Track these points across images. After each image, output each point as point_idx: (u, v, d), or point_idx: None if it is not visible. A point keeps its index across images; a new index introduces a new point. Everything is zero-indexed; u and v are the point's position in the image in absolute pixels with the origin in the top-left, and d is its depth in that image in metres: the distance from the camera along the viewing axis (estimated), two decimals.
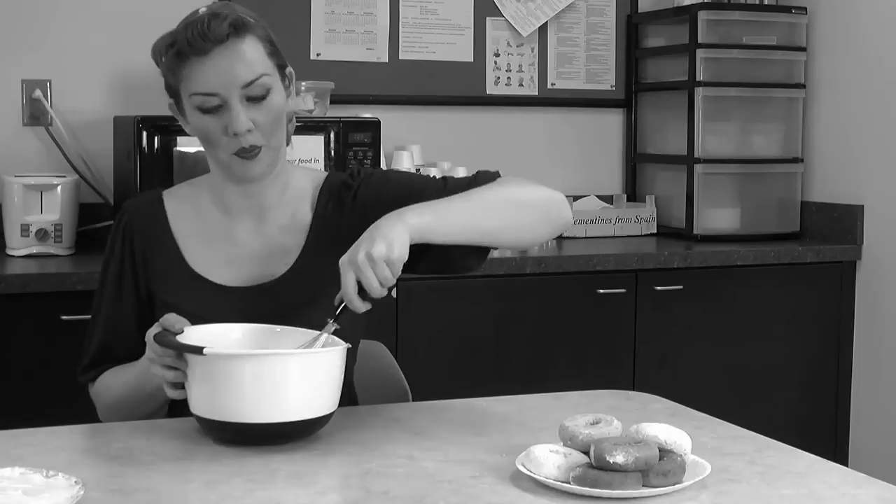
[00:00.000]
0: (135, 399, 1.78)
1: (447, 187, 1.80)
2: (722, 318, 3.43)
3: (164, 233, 1.85)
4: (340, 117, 3.13)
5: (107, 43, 3.34)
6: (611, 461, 1.35)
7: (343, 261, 1.58)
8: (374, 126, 3.13)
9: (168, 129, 2.96)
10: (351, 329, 1.67)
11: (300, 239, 1.84)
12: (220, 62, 1.69)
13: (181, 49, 1.70)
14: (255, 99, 1.71)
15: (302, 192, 1.87)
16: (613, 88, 3.93)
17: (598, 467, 1.37)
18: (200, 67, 1.69)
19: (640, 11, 3.91)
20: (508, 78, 3.79)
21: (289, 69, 1.80)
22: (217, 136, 1.73)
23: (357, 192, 1.85)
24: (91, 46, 3.33)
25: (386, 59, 3.64)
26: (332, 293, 1.62)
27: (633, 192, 3.92)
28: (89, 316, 1.90)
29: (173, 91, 1.78)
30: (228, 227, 1.84)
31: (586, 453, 1.42)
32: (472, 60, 3.75)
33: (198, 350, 1.52)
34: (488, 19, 3.75)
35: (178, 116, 1.81)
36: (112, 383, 1.83)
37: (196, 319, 1.65)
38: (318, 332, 1.63)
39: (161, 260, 1.84)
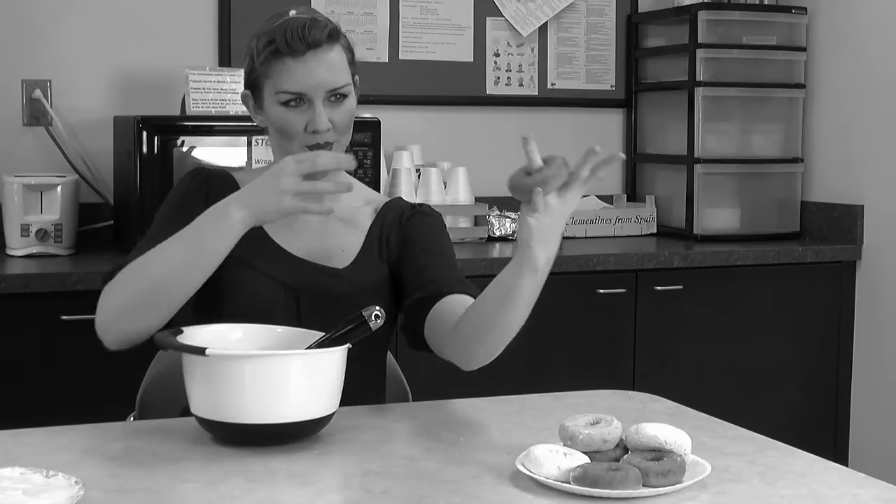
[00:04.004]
0: (187, 264, 1.69)
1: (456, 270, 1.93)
2: (722, 318, 3.43)
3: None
4: None
5: (107, 43, 3.34)
6: None
7: None
8: (374, 126, 3.13)
9: (168, 129, 2.96)
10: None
11: (359, 238, 1.93)
12: (312, 67, 1.81)
13: (279, 48, 1.81)
14: (335, 100, 1.85)
15: (358, 198, 1.97)
16: (613, 88, 3.93)
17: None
18: (294, 67, 1.81)
19: (640, 11, 3.91)
20: (508, 78, 3.79)
21: (356, 76, 1.93)
22: (295, 130, 1.83)
23: (413, 216, 1.97)
24: (91, 46, 3.33)
25: (386, 59, 3.64)
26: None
27: (633, 192, 3.92)
28: (90, 316, 1.89)
29: (255, 83, 1.87)
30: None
31: (586, 453, 1.42)
32: (472, 60, 3.75)
33: (200, 351, 1.52)
34: (488, 19, 3.75)
35: (251, 106, 1.91)
36: (148, 259, 1.71)
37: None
38: (320, 334, 1.63)
39: None
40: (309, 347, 1.61)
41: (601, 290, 3.27)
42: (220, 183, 1.91)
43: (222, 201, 1.71)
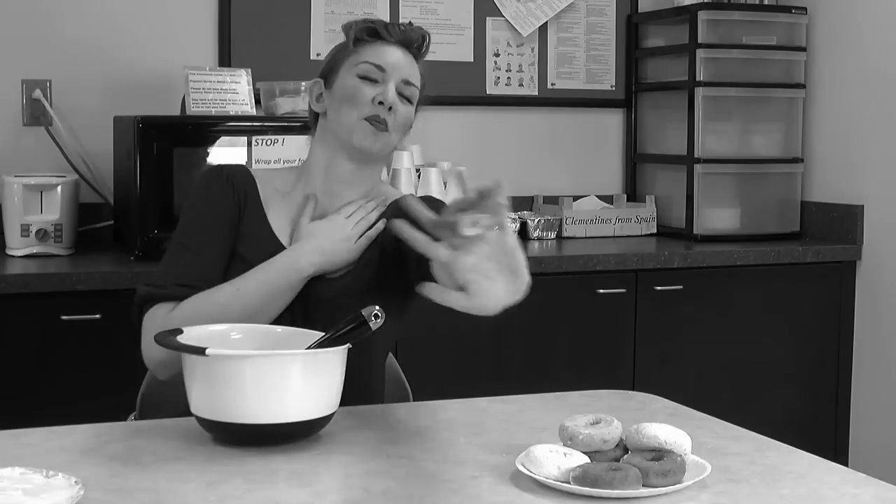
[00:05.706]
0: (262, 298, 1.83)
1: None
2: (722, 318, 3.43)
3: (254, 196, 1.95)
4: None
5: (107, 43, 3.34)
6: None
7: None
8: None
9: (168, 129, 2.96)
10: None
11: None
12: (398, 54, 1.97)
13: (378, 28, 1.97)
14: (403, 98, 1.96)
15: (377, 195, 2.00)
16: (613, 88, 3.93)
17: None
18: (382, 47, 1.96)
19: (640, 11, 3.91)
20: (508, 78, 3.79)
21: (420, 103, 2.03)
22: (364, 99, 1.91)
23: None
24: (91, 46, 3.33)
25: None
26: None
27: (633, 192, 3.92)
28: (90, 316, 1.89)
29: (334, 65, 1.97)
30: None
31: (586, 453, 1.42)
32: (472, 60, 3.75)
33: (200, 351, 1.52)
34: (488, 19, 3.75)
35: (314, 95, 1.98)
36: (225, 303, 1.81)
37: None
38: (320, 334, 1.63)
39: (249, 218, 1.92)
40: (309, 347, 1.61)
41: (601, 290, 3.27)
42: (241, 178, 1.95)
43: (291, 252, 1.86)
